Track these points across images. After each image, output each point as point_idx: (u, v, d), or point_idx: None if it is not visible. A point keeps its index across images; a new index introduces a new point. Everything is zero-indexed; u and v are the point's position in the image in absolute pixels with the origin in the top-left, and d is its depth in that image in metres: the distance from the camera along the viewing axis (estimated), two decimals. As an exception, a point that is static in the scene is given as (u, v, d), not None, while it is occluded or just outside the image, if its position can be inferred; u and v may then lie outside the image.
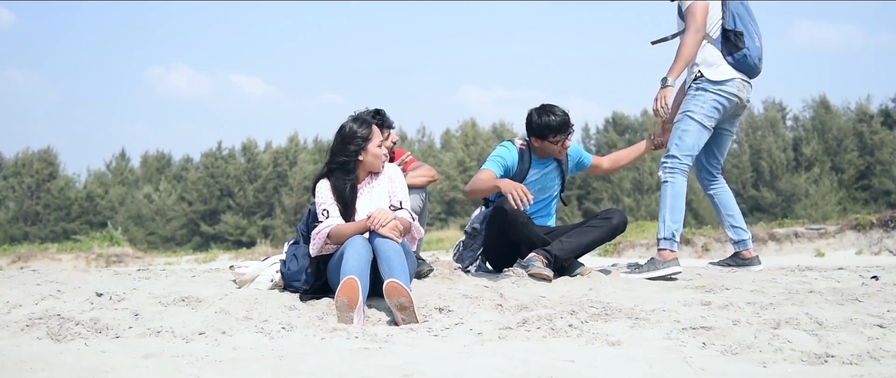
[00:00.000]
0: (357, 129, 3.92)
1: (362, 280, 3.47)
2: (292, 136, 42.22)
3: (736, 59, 4.46)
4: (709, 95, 4.46)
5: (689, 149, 4.51)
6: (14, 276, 4.61)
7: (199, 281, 4.25)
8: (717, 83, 4.46)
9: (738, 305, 3.59)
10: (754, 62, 4.51)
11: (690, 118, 4.49)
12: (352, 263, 3.53)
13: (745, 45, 4.44)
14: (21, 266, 15.78)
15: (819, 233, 12.67)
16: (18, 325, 3.34)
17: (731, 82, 4.48)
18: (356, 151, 3.90)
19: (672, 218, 4.48)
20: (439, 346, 3.03)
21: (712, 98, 4.47)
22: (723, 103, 4.49)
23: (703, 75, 4.49)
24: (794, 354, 2.87)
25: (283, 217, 37.57)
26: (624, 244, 14.07)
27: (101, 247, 17.71)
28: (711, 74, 4.47)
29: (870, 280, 4.36)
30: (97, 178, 42.85)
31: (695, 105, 4.49)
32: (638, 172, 36.84)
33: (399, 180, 4.02)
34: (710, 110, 4.47)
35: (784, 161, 36.80)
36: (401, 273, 3.51)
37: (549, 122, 4.42)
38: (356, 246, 3.62)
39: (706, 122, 4.49)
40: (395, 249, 3.61)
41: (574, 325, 3.24)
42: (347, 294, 3.36)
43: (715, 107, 4.48)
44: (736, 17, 4.47)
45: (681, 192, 4.54)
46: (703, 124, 4.48)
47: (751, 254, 4.83)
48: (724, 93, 4.47)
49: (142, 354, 2.91)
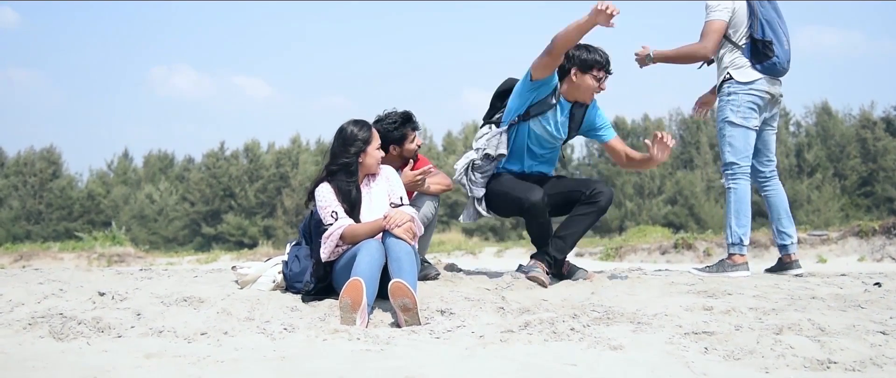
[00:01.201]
0: (357, 131, 3.94)
1: (371, 283, 3.48)
2: (295, 137, 42.32)
3: (764, 66, 4.61)
4: (742, 97, 4.61)
5: (742, 151, 4.66)
6: (17, 275, 4.61)
7: (202, 281, 4.25)
8: (746, 83, 4.61)
9: (740, 311, 3.59)
10: (783, 67, 4.64)
11: (731, 123, 4.65)
12: (364, 266, 3.53)
13: (775, 53, 4.56)
14: (23, 265, 15.80)
15: (821, 239, 12.65)
16: (21, 323, 3.35)
17: (759, 80, 4.62)
18: (357, 153, 3.92)
19: (737, 223, 4.66)
20: (441, 348, 3.02)
21: (746, 99, 4.61)
22: (756, 102, 4.62)
23: (732, 77, 4.63)
24: (796, 360, 2.87)
25: (285, 218, 37.61)
26: (626, 249, 14.07)
27: (104, 246, 17.73)
28: (739, 76, 4.62)
29: (872, 286, 4.35)
30: (99, 177, 42.93)
31: (730, 110, 4.65)
32: (639, 177, 36.84)
33: (395, 179, 4.07)
34: (746, 112, 4.62)
35: (786, 166, 36.78)
36: (410, 275, 3.52)
37: (596, 56, 4.33)
38: (370, 249, 3.63)
39: (748, 123, 4.64)
40: (406, 251, 3.62)
41: (576, 329, 3.24)
42: (352, 295, 3.36)
43: (750, 107, 4.61)
44: (764, 25, 4.57)
45: (743, 197, 4.68)
46: (745, 126, 4.64)
47: (791, 258, 4.88)
48: (755, 91, 4.61)
49: (144, 354, 2.91)
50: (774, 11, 4.65)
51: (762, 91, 4.63)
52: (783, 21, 4.67)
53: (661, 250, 13.77)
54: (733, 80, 4.63)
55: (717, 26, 4.60)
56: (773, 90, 4.68)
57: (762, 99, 4.65)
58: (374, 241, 3.68)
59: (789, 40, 4.66)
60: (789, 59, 4.65)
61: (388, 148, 4.34)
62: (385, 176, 4.07)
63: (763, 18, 4.57)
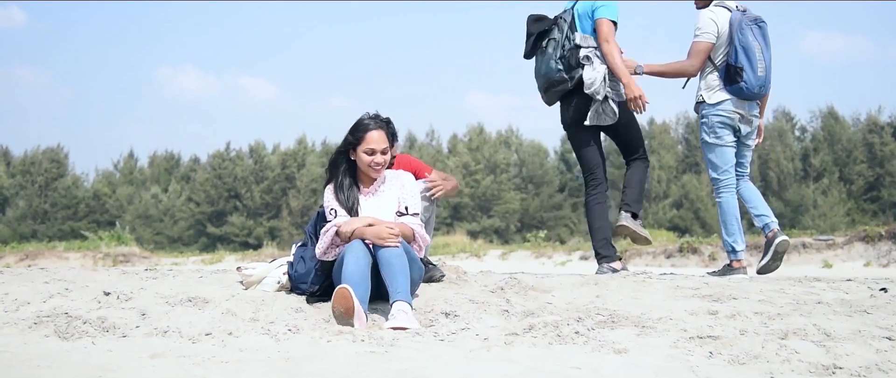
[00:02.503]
0: (353, 129, 3.85)
1: (361, 285, 3.47)
2: (300, 138, 42.39)
3: (732, 89, 5.02)
4: (712, 119, 5.08)
5: (722, 166, 5.12)
6: (22, 274, 4.63)
7: (206, 281, 4.26)
8: (715, 105, 5.06)
9: (745, 315, 3.58)
10: (752, 91, 5.01)
11: (707, 144, 5.15)
12: (350, 268, 3.53)
13: (744, 79, 4.95)
14: (29, 264, 15.85)
15: (827, 244, 12.61)
16: (26, 322, 3.36)
17: (727, 102, 5.04)
18: (342, 152, 3.86)
19: (727, 232, 5.12)
20: (445, 350, 3.02)
21: (716, 120, 5.07)
22: (726, 121, 5.06)
23: (704, 100, 5.09)
24: (801, 365, 2.86)
25: (290, 219, 37.65)
26: (631, 252, 14.04)
27: (109, 246, 17.77)
28: (709, 98, 5.08)
29: (878, 292, 4.33)
30: (105, 177, 43.04)
31: (704, 132, 5.16)
32: (647, 181, 36.76)
33: (411, 186, 3.95)
34: (718, 130, 5.08)
35: (792, 171, 36.69)
36: (401, 277, 3.51)
37: None
38: (355, 251, 3.61)
39: (720, 142, 5.09)
40: (397, 254, 3.58)
41: (580, 332, 3.24)
42: (341, 303, 3.38)
43: (721, 126, 5.07)
44: (739, 52, 4.95)
45: (728, 209, 5.12)
46: (719, 145, 5.09)
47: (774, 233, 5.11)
48: (723, 112, 5.05)
49: (148, 354, 2.91)
50: (760, 38, 5.02)
51: (730, 111, 5.05)
52: (768, 47, 5.04)
53: (666, 254, 13.75)
54: (705, 103, 5.10)
55: (703, 47, 5.01)
56: (743, 110, 5.07)
57: (731, 118, 5.06)
58: (358, 243, 3.65)
59: (768, 66, 5.04)
60: (762, 83, 5.01)
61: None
62: (400, 182, 3.95)
63: (740, 45, 4.94)
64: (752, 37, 4.96)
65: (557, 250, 15.98)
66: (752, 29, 4.99)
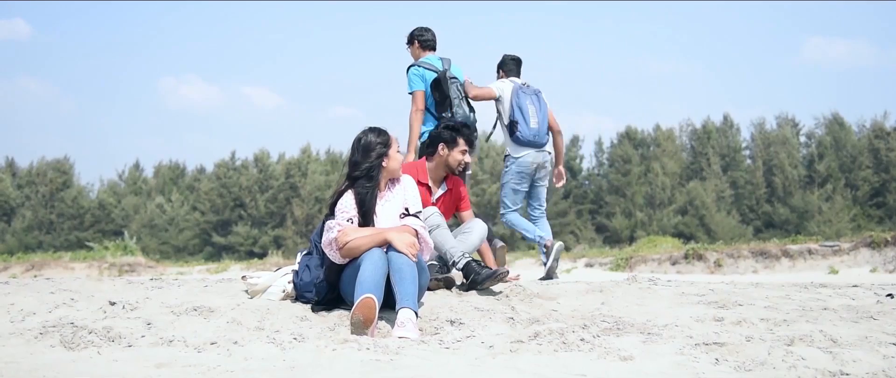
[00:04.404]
0: (375, 137, 3.92)
1: (378, 296, 3.50)
2: (305, 147, 42.35)
3: (514, 138, 5.95)
4: (512, 167, 6.00)
5: (510, 203, 6.01)
6: (28, 284, 4.64)
7: (212, 291, 4.26)
8: (513, 157, 6.00)
9: (751, 321, 3.57)
10: (528, 139, 5.92)
11: (504, 186, 6.06)
12: (368, 277, 3.54)
13: (519, 130, 5.90)
14: (35, 274, 15.88)
15: (833, 250, 12.58)
16: (32, 333, 3.36)
17: (524, 155, 5.93)
18: (379, 157, 3.92)
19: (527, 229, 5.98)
20: (451, 358, 3.02)
21: (514, 169, 5.98)
22: (520, 170, 5.96)
23: (508, 153, 6.03)
24: (808, 372, 2.85)
25: (295, 228, 37.65)
26: (636, 259, 14.02)
27: (114, 256, 17.80)
28: (510, 151, 6.03)
29: (885, 298, 4.32)
30: (110, 187, 43.13)
31: (503, 176, 6.09)
32: (650, 188, 36.72)
33: (412, 189, 4.05)
34: (514, 177, 5.99)
35: (797, 177, 36.59)
36: (411, 286, 3.53)
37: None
38: (374, 259, 3.63)
39: (515, 186, 5.99)
40: (408, 263, 3.63)
41: (586, 340, 3.23)
42: (364, 312, 3.39)
43: (517, 174, 5.98)
44: (515, 109, 5.92)
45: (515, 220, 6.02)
46: (513, 189, 5.99)
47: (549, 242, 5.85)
48: (519, 163, 5.97)
49: (154, 363, 2.92)
50: (529, 99, 5.95)
51: (525, 162, 5.92)
52: (541, 104, 6.00)
53: (671, 261, 13.72)
54: (508, 155, 6.02)
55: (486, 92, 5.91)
56: (536, 160, 5.94)
57: (525, 166, 5.93)
58: (377, 251, 3.68)
59: (541, 120, 5.95)
60: (537, 133, 5.93)
61: (437, 146, 4.62)
62: (403, 185, 4.06)
63: (516, 105, 5.91)
64: (528, 96, 5.94)
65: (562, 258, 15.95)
66: (532, 89, 6.01)
